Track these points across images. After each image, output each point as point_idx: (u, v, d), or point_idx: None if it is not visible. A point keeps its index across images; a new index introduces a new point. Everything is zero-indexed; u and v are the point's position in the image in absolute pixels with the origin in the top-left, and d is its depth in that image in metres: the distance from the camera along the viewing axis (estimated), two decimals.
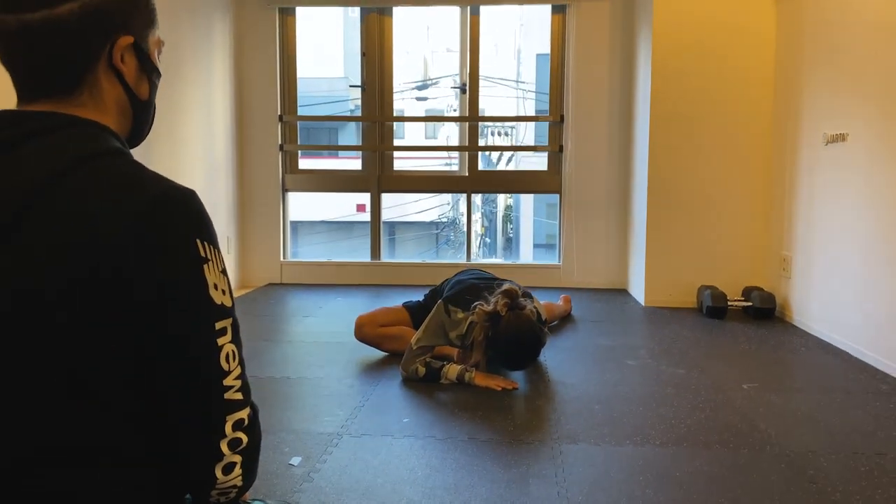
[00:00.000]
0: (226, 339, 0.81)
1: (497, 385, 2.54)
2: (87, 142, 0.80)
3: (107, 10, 0.82)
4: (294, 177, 4.98)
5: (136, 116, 0.90)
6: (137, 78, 0.88)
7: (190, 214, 0.79)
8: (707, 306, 3.80)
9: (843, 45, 3.19)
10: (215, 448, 0.81)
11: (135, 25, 0.86)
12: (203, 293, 0.79)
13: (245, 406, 0.84)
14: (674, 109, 4.03)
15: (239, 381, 0.83)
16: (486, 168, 5.94)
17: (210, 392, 0.81)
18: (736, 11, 3.95)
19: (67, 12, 0.79)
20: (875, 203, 2.91)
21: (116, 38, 0.84)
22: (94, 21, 0.81)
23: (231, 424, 0.82)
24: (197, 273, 0.78)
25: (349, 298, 4.34)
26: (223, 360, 0.81)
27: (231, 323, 0.83)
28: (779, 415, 2.29)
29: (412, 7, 4.87)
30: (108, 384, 0.77)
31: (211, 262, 0.80)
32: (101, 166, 0.78)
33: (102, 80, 0.84)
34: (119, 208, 0.75)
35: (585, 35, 4.60)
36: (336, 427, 2.16)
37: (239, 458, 0.83)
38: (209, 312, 0.80)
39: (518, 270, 4.81)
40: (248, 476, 0.86)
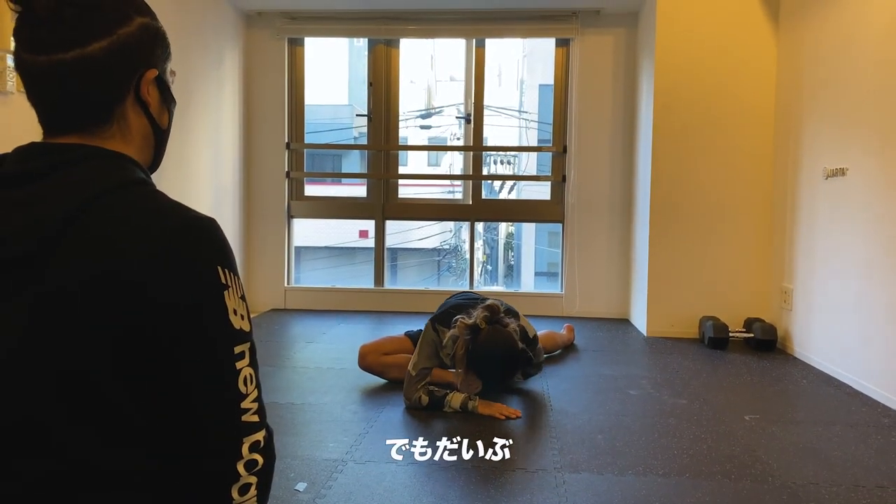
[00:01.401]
0: (244, 362, 0.84)
1: (500, 414, 2.55)
2: (113, 173, 0.82)
3: (134, 46, 0.86)
4: (299, 203, 5.03)
5: (157, 144, 0.95)
6: (160, 108, 0.93)
7: (212, 243, 0.82)
8: (709, 337, 3.82)
9: (843, 80, 3.25)
10: (232, 469, 0.83)
11: (157, 59, 0.90)
12: (223, 318, 0.82)
13: (261, 428, 0.86)
14: (676, 142, 4.09)
15: (255, 404, 0.85)
16: (489, 196, 5.99)
17: (228, 414, 0.83)
18: (737, 46, 4.03)
19: (98, 50, 0.82)
20: (875, 237, 2.95)
21: (143, 72, 0.88)
22: (124, 57, 0.85)
23: (248, 446, 0.84)
24: (218, 299, 0.81)
25: (352, 325, 4.36)
26: (241, 383, 0.83)
27: (249, 347, 0.85)
28: (780, 446, 2.30)
29: (419, 39, 4.96)
30: (127, 408, 0.79)
31: (231, 288, 0.83)
32: (127, 197, 0.81)
33: (130, 112, 0.88)
34: (144, 236, 0.77)
35: (589, 67, 4.68)
36: (340, 453, 2.18)
37: (255, 480, 0.85)
38: (229, 337, 0.82)
39: (520, 299, 4.83)
40: (262, 497, 0.87)
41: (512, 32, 4.81)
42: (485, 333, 2.51)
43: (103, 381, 0.77)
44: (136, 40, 0.86)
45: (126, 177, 0.83)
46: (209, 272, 0.81)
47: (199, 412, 0.82)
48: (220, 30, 4.43)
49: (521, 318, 2.82)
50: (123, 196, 0.80)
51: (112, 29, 0.84)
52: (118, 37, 0.84)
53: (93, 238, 0.76)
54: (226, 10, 4.52)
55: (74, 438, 0.77)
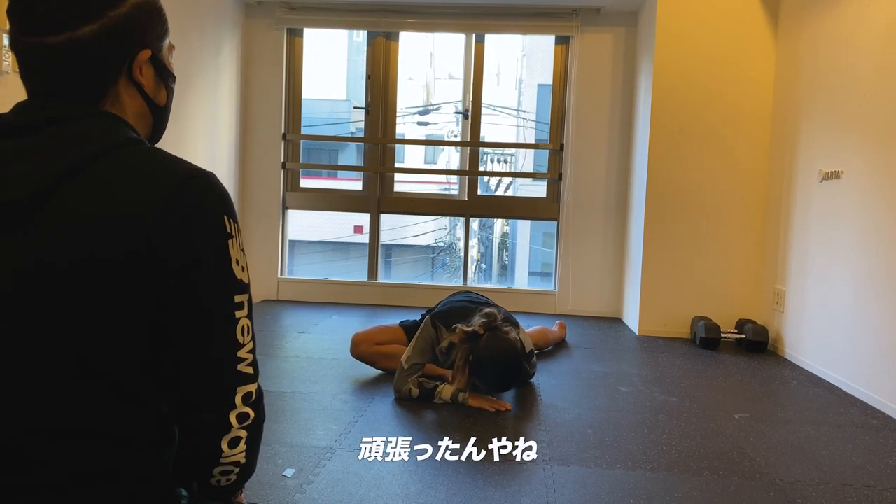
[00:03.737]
0: (243, 313, 0.85)
1: (490, 406, 2.55)
2: (113, 129, 0.84)
3: (125, 28, 0.86)
4: (295, 195, 5.02)
5: (155, 121, 0.95)
6: (156, 86, 0.93)
7: (216, 193, 0.84)
8: (700, 337, 3.83)
9: (840, 83, 3.26)
10: (225, 418, 0.84)
11: (151, 38, 0.90)
12: (227, 267, 0.83)
13: (254, 381, 0.87)
14: (672, 143, 4.10)
15: (251, 356, 0.86)
16: (485, 193, 5.99)
17: (224, 361, 0.84)
18: (736, 48, 4.04)
19: (89, 33, 0.83)
20: (868, 240, 2.96)
21: (135, 53, 0.88)
22: (114, 40, 0.85)
23: (241, 396, 0.85)
24: (223, 247, 0.83)
25: (345, 317, 4.35)
26: (239, 332, 0.84)
27: (248, 299, 0.86)
28: (769, 445, 2.30)
29: (418, 33, 4.95)
30: (122, 361, 0.79)
31: (235, 238, 0.84)
32: (129, 150, 0.82)
33: (122, 92, 0.88)
34: (151, 186, 0.79)
35: (588, 66, 4.69)
36: (330, 441, 2.17)
37: (244, 434, 0.85)
38: (231, 285, 0.84)
39: (514, 296, 4.83)
40: (249, 454, 0.87)
41: (512, 28, 4.81)
42: (485, 340, 2.50)
43: (97, 335, 0.77)
44: (128, 21, 0.86)
45: (125, 134, 0.84)
46: (216, 220, 0.83)
47: (197, 359, 0.82)
48: (219, 18, 4.42)
49: (520, 330, 2.79)
50: (120, 154, 0.81)
51: (104, 11, 0.84)
52: (109, 19, 0.84)
53: (93, 196, 0.77)
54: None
55: (66, 390, 0.77)
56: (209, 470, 0.86)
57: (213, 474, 0.87)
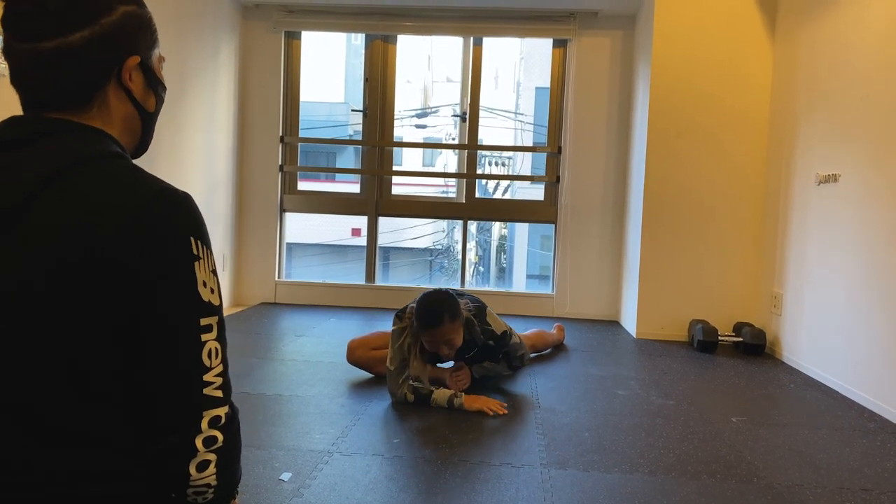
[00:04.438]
0: (210, 335, 0.84)
1: (488, 409, 2.54)
2: (90, 144, 0.84)
3: (115, 36, 0.88)
4: (292, 197, 5.01)
5: (144, 126, 0.96)
6: (144, 93, 0.94)
7: (186, 213, 0.84)
8: (698, 340, 3.83)
9: (837, 86, 3.27)
10: (190, 443, 0.83)
11: (140, 46, 0.92)
12: (192, 289, 0.83)
13: (223, 405, 0.85)
14: (670, 146, 4.10)
15: (220, 379, 0.85)
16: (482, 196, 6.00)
17: (189, 385, 0.83)
18: (733, 51, 4.05)
19: (79, 40, 0.84)
20: (865, 243, 2.96)
21: (124, 59, 0.89)
22: (104, 47, 0.87)
23: (207, 421, 0.83)
24: (188, 269, 0.82)
25: (342, 320, 4.34)
26: (205, 355, 0.83)
27: (217, 321, 0.86)
28: (766, 448, 2.30)
29: (416, 36, 4.95)
30: (99, 372, 0.80)
31: (202, 260, 0.84)
32: (103, 166, 0.83)
33: (111, 97, 0.90)
34: (119, 203, 0.79)
35: (585, 69, 4.69)
36: (327, 445, 2.17)
37: (213, 457, 0.84)
38: (196, 308, 0.83)
39: (512, 299, 4.83)
40: (222, 476, 0.86)
41: (510, 32, 4.81)
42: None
43: (70, 346, 0.78)
44: (118, 29, 0.88)
45: (102, 149, 0.85)
46: (180, 241, 0.82)
47: (162, 380, 0.82)
48: (216, 20, 4.42)
49: (487, 315, 2.81)
50: (98, 166, 0.82)
51: (94, 19, 0.85)
52: (100, 26, 0.86)
53: (67, 204, 0.78)
54: (223, 1, 4.50)
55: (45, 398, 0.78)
56: (182, 490, 0.85)
57: (188, 494, 0.86)
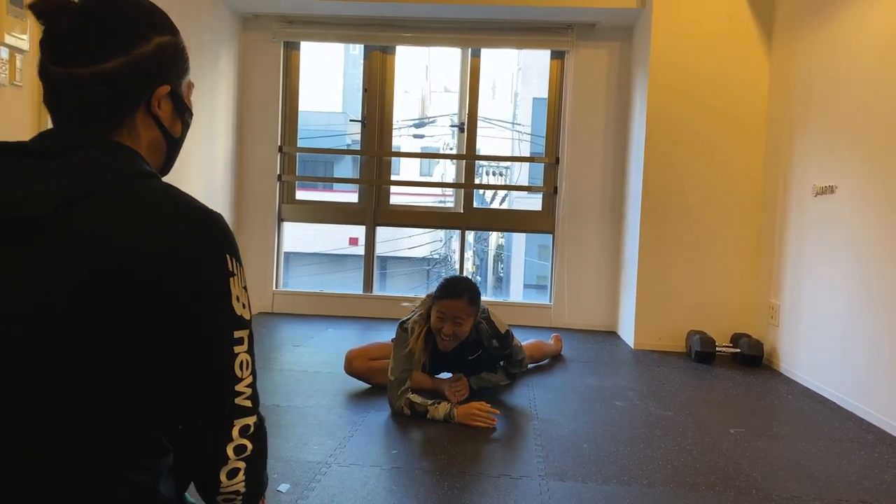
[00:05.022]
0: (242, 348, 0.88)
1: (478, 411, 2.52)
2: (124, 161, 0.88)
3: (148, 65, 0.91)
4: (290, 207, 5.02)
5: (168, 151, 1.00)
6: (172, 120, 0.98)
7: (221, 232, 0.88)
8: (696, 351, 3.83)
9: (834, 98, 3.29)
10: (221, 451, 0.87)
11: (172, 76, 0.95)
12: (227, 303, 0.87)
13: (253, 414, 0.90)
14: (667, 156, 4.12)
15: (249, 390, 0.89)
16: (480, 206, 6.01)
17: (222, 395, 0.87)
18: (731, 63, 4.07)
19: (114, 67, 0.88)
20: (862, 254, 2.97)
21: (155, 87, 0.93)
22: (137, 75, 0.90)
23: (238, 429, 0.88)
24: (224, 284, 0.86)
25: (340, 329, 4.34)
26: (237, 367, 0.88)
27: (248, 335, 0.90)
28: (765, 460, 2.30)
29: (415, 47, 4.97)
30: (121, 382, 0.82)
31: (236, 276, 0.88)
32: (141, 182, 0.87)
33: (139, 123, 0.93)
34: (159, 220, 0.83)
35: (583, 80, 4.72)
36: (325, 456, 2.16)
37: (243, 465, 0.89)
38: (230, 321, 0.87)
39: (509, 308, 4.83)
40: (251, 484, 0.90)
41: (508, 43, 4.83)
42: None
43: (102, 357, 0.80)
44: (151, 59, 0.91)
45: (136, 167, 0.89)
46: (217, 258, 0.86)
47: (195, 389, 0.86)
48: (216, 31, 4.43)
49: (491, 314, 2.89)
50: (134, 183, 0.86)
51: (129, 48, 0.89)
52: (133, 56, 0.89)
53: (108, 216, 0.81)
54: (222, 11, 4.53)
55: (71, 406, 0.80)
56: (212, 497, 0.90)
57: (217, 501, 0.90)
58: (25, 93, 2.69)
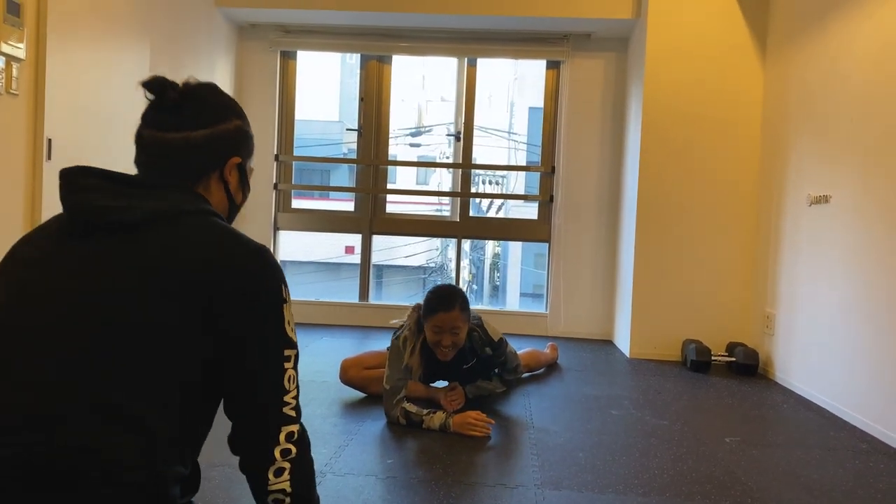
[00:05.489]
0: (290, 364, 1.04)
1: (473, 420, 2.52)
2: (202, 202, 1.08)
3: (227, 138, 1.14)
4: (286, 215, 5.02)
5: (230, 213, 1.20)
6: (237, 188, 1.18)
7: (276, 266, 1.06)
8: (691, 360, 3.84)
9: (828, 107, 3.31)
10: (270, 452, 1.01)
11: (242, 152, 1.17)
12: (281, 326, 1.04)
13: (297, 422, 1.05)
14: (662, 165, 4.14)
15: (294, 401, 1.05)
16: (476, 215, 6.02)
17: (272, 404, 1.02)
18: (725, 74, 4.10)
19: (201, 137, 1.10)
20: (857, 263, 2.99)
21: (229, 157, 1.14)
22: (218, 145, 1.12)
23: (284, 435, 1.02)
24: (279, 311, 1.04)
25: (336, 338, 4.33)
26: (286, 381, 1.03)
27: (295, 354, 1.06)
28: (760, 469, 2.30)
29: (411, 56, 4.99)
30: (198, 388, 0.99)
31: (288, 303, 1.05)
32: (211, 218, 1.06)
33: (213, 184, 1.13)
34: (227, 251, 1.01)
35: (578, 90, 4.74)
36: (319, 465, 2.15)
37: (288, 465, 1.02)
38: (283, 342, 1.04)
39: (505, 317, 4.83)
40: (296, 484, 1.03)
41: (504, 53, 4.86)
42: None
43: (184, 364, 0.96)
44: (230, 135, 1.14)
45: (210, 208, 1.09)
46: (275, 288, 1.04)
47: (249, 400, 1.02)
48: (213, 40, 4.44)
49: (484, 322, 2.88)
50: (209, 218, 1.06)
51: (215, 124, 1.12)
52: (217, 130, 1.12)
53: (188, 237, 1.00)
54: (219, 20, 4.54)
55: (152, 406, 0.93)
56: (264, 497, 1.03)
57: (269, 501, 1.03)
58: (21, 101, 2.69)
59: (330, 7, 4.47)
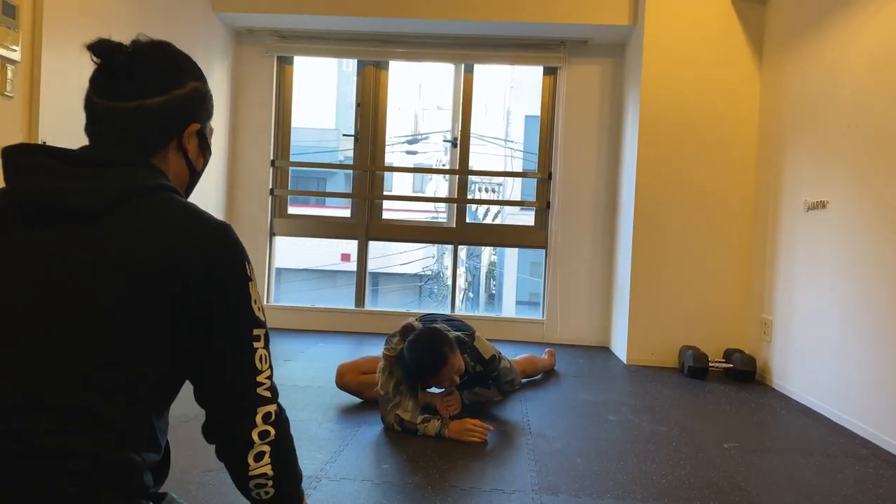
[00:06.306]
0: (260, 344, 1.01)
1: (471, 426, 2.50)
2: (158, 177, 1.02)
3: (184, 105, 1.06)
4: (282, 221, 5.00)
5: (190, 181, 1.15)
6: (197, 155, 1.13)
7: (239, 243, 1.02)
8: (688, 367, 3.82)
9: (824, 113, 3.31)
10: (248, 435, 0.98)
11: (201, 117, 1.10)
12: (248, 305, 1.00)
13: (273, 402, 1.01)
14: (659, 172, 4.13)
15: (268, 381, 1.01)
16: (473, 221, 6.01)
17: (245, 385, 0.98)
18: (722, 80, 4.10)
19: (156, 105, 1.02)
20: (854, 269, 2.98)
21: (187, 125, 1.07)
22: (174, 112, 1.05)
23: (261, 416, 0.99)
24: (245, 289, 1.00)
25: (331, 345, 4.31)
26: (257, 360, 1.00)
27: (264, 333, 1.02)
28: (759, 474, 2.28)
29: (408, 62, 4.99)
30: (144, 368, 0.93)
31: (253, 281, 1.02)
32: (168, 195, 1.00)
33: (170, 154, 1.07)
34: (190, 231, 0.97)
35: (575, 96, 4.74)
36: (315, 470, 2.13)
37: (268, 448, 0.99)
38: (250, 320, 1.00)
39: (502, 324, 4.82)
40: (277, 467, 1.00)
41: (500, 59, 4.86)
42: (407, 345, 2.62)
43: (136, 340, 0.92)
44: (186, 100, 1.06)
45: (168, 184, 1.03)
46: (239, 265, 1.01)
47: (222, 381, 0.98)
48: (209, 45, 4.44)
49: (476, 339, 2.82)
50: (166, 195, 1.00)
51: (169, 89, 1.04)
52: (173, 96, 1.04)
53: (146, 221, 0.95)
54: (216, 26, 4.53)
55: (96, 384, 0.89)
56: (245, 483, 1.01)
57: (251, 487, 1.01)
58: (16, 103, 2.68)
59: (326, 13, 4.47)
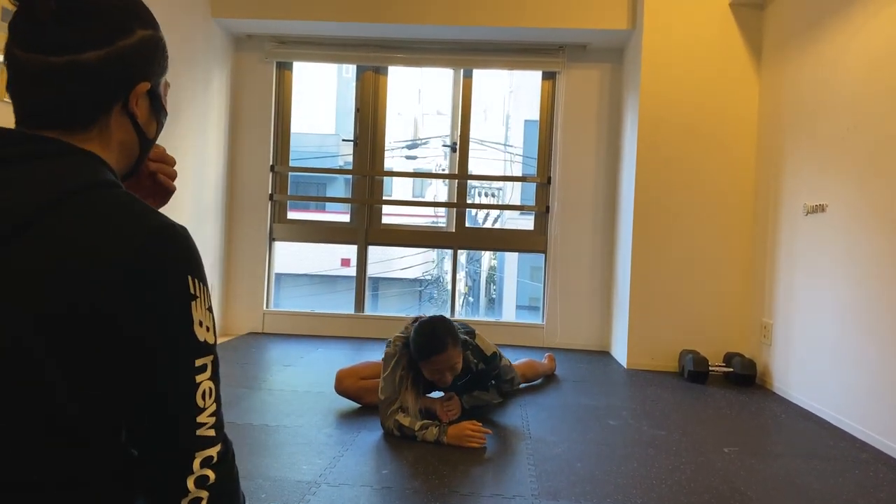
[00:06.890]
0: (204, 376, 0.81)
1: (470, 431, 2.49)
2: (85, 171, 0.80)
3: (131, 58, 0.84)
4: (282, 226, 5.00)
5: (141, 151, 0.93)
6: (148, 120, 0.91)
7: (185, 251, 0.80)
8: (688, 371, 3.81)
9: (823, 117, 3.32)
10: (181, 484, 0.80)
11: (152, 73, 0.89)
12: (188, 330, 0.80)
13: (216, 443, 0.83)
14: (658, 176, 4.13)
15: (213, 419, 0.83)
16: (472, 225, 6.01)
17: (182, 428, 0.80)
18: (720, 83, 4.11)
19: (94, 59, 0.81)
20: (854, 272, 2.98)
21: (135, 84, 0.86)
22: (119, 69, 0.84)
23: (199, 461, 0.81)
24: (185, 310, 0.79)
25: (331, 350, 4.30)
26: (199, 397, 0.81)
27: (212, 360, 0.83)
28: (759, 479, 2.28)
29: (407, 67, 4.99)
30: (87, 418, 0.76)
31: (199, 299, 0.81)
32: (98, 197, 0.78)
33: (113, 121, 0.86)
34: (114, 241, 0.75)
35: (574, 100, 4.74)
36: (314, 476, 2.12)
37: (206, 494, 0.81)
38: (191, 349, 0.80)
39: (502, 328, 4.81)
40: None
41: (499, 64, 4.86)
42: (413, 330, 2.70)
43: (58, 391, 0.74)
44: (134, 53, 0.85)
45: (97, 178, 0.80)
46: (179, 281, 0.79)
47: (152, 425, 0.79)
48: (209, 51, 4.44)
49: (477, 337, 2.86)
50: (95, 196, 0.78)
51: (112, 40, 0.82)
52: (116, 48, 0.83)
53: (59, 238, 0.74)
54: (215, 31, 4.54)
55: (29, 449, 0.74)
56: None
57: None
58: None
59: (326, 18, 4.48)
